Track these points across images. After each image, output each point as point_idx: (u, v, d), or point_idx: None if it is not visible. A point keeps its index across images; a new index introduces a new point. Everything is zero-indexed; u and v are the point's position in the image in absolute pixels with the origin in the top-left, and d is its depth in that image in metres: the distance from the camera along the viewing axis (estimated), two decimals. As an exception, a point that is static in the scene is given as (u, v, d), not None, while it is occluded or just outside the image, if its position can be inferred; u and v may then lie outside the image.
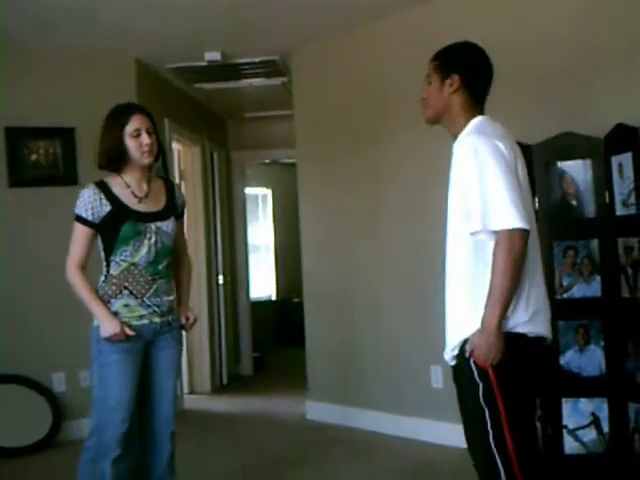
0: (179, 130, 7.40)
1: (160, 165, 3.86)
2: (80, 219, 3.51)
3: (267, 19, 5.71)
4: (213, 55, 6.40)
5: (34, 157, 6.01)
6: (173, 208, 3.75)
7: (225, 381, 8.32)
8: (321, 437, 5.99)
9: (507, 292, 2.64)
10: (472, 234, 2.73)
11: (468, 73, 2.93)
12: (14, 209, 5.93)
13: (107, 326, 3.46)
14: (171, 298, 3.69)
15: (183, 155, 8.05)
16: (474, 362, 2.71)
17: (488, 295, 2.66)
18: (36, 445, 5.67)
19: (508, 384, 2.69)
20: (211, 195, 8.31)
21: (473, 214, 2.70)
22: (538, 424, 4.43)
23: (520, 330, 2.72)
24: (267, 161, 10.89)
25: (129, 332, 3.48)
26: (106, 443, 3.50)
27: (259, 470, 5.26)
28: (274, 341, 11.17)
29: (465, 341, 2.76)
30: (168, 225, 3.65)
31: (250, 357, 9.24)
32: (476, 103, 2.95)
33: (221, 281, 8.38)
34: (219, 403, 7.56)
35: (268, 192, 12.01)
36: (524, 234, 2.64)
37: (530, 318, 2.74)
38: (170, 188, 3.81)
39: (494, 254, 2.66)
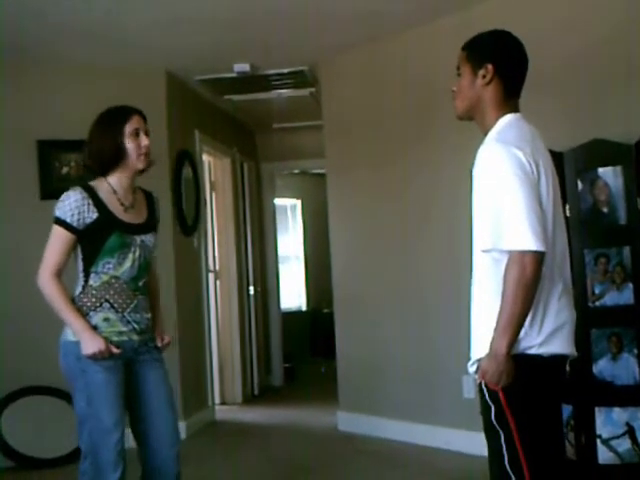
0: (209, 141, 7.44)
1: (190, 176, 3.71)
2: (63, 223, 3.29)
3: (295, 30, 5.74)
4: (242, 67, 6.42)
5: (65, 170, 6.06)
6: (153, 222, 3.54)
7: (256, 392, 8.33)
8: (352, 448, 5.97)
9: (516, 318, 2.47)
10: (484, 252, 2.60)
11: (502, 61, 2.71)
12: (45, 222, 5.95)
13: (90, 342, 3.22)
14: (149, 316, 3.46)
15: (213, 166, 8.09)
16: (485, 384, 2.60)
17: (497, 320, 2.50)
18: (69, 456, 5.68)
19: (519, 406, 2.56)
20: (241, 206, 8.36)
21: (485, 231, 2.56)
22: (571, 433, 4.40)
23: (533, 352, 2.56)
24: (296, 172, 10.91)
25: (114, 350, 3.24)
26: (105, 465, 3.23)
27: (291, 481, 5.26)
28: (305, 352, 11.17)
29: (480, 360, 2.62)
30: (150, 239, 3.45)
31: (281, 368, 9.26)
32: (509, 97, 2.73)
33: (252, 292, 8.40)
34: (250, 414, 7.56)
35: (297, 203, 12.03)
36: (538, 256, 2.46)
37: (545, 339, 2.56)
38: (151, 201, 3.59)
39: (504, 277, 2.50)
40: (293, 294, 11.74)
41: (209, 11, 5.20)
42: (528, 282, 2.46)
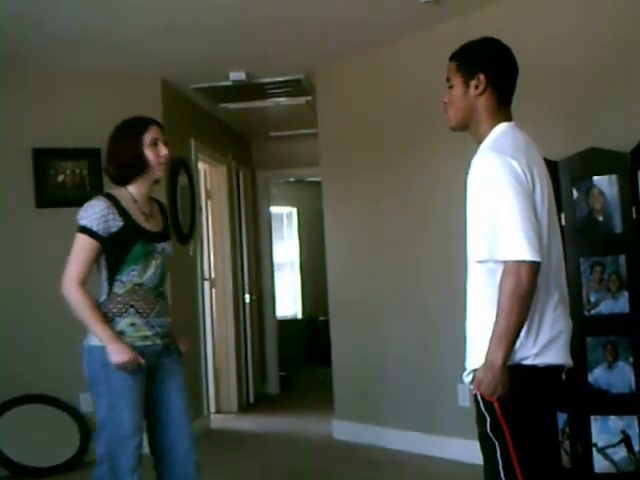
0: (205, 150, 7.44)
1: (185, 184, 3.77)
2: (89, 232, 3.29)
3: (291, 38, 5.74)
4: (238, 75, 6.43)
5: (61, 178, 6.06)
6: (168, 229, 3.65)
7: (252, 400, 8.31)
8: (348, 456, 5.96)
9: (512, 330, 2.45)
10: (479, 262, 2.57)
11: (494, 70, 2.70)
12: (41, 230, 5.97)
13: (118, 352, 3.25)
14: (169, 320, 3.55)
15: (209, 174, 8.09)
16: (480, 395, 2.57)
17: (493, 330, 2.48)
18: (63, 465, 5.68)
19: (515, 416, 2.53)
20: (237, 214, 8.35)
21: (480, 241, 2.53)
22: (567, 442, 4.40)
23: (528, 362, 2.53)
24: (292, 180, 10.93)
25: (141, 361, 3.29)
26: (123, 469, 3.29)
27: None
28: (301, 360, 11.16)
29: (476, 370, 2.59)
30: (168, 247, 3.55)
31: (276, 376, 9.24)
32: (502, 105, 2.71)
33: (247, 300, 8.40)
34: (246, 422, 7.55)
35: (293, 210, 12.04)
36: (533, 267, 2.44)
37: (540, 350, 2.54)
38: (163, 210, 3.69)
39: (499, 287, 2.48)
40: (289, 302, 11.74)
41: (205, 19, 5.21)
42: (524, 293, 2.44)
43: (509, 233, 2.46)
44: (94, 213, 3.30)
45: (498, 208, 2.49)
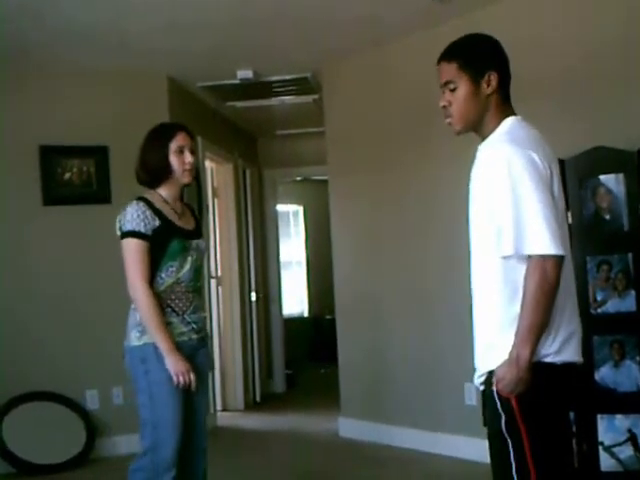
0: (212, 148, 7.44)
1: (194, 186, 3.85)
2: (136, 234, 3.41)
3: (298, 37, 5.74)
4: (245, 73, 6.43)
5: (68, 175, 6.07)
6: (201, 228, 3.80)
7: (258, 398, 8.32)
8: (354, 454, 5.96)
9: (539, 327, 2.42)
10: (503, 258, 2.49)
11: (500, 66, 2.66)
12: (48, 227, 5.98)
13: (175, 364, 3.38)
14: (205, 314, 3.70)
15: (216, 173, 8.10)
16: (497, 393, 2.53)
17: (518, 328, 2.44)
18: (70, 462, 5.68)
19: (532, 414, 2.50)
20: (243, 212, 8.35)
21: (505, 237, 2.46)
22: (573, 440, 4.38)
23: (547, 360, 2.49)
24: (299, 178, 10.91)
25: (193, 379, 3.41)
26: (163, 462, 3.40)
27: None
28: (307, 358, 11.16)
29: (491, 372, 2.55)
30: (202, 244, 3.70)
31: (282, 374, 9.24)
32: (506, 100, 2.67)
33: (254, 298, 8.39)
34: (252, 420, 7.55)
35: (300, 209, 12.04)
36: (558, 261, 2.41)
37: (559, 348, 2.51)
38: (193, 210, 3.85)
39: (525, 283, 2.44)
40: (295, 300, 11.73)
41: (212, 17, 5.21)
42: (549, 289, 2.41)
43: (534, 227, 2.42)
44: (137, 216, 3.43)
45: (522, 202, 2.44)
